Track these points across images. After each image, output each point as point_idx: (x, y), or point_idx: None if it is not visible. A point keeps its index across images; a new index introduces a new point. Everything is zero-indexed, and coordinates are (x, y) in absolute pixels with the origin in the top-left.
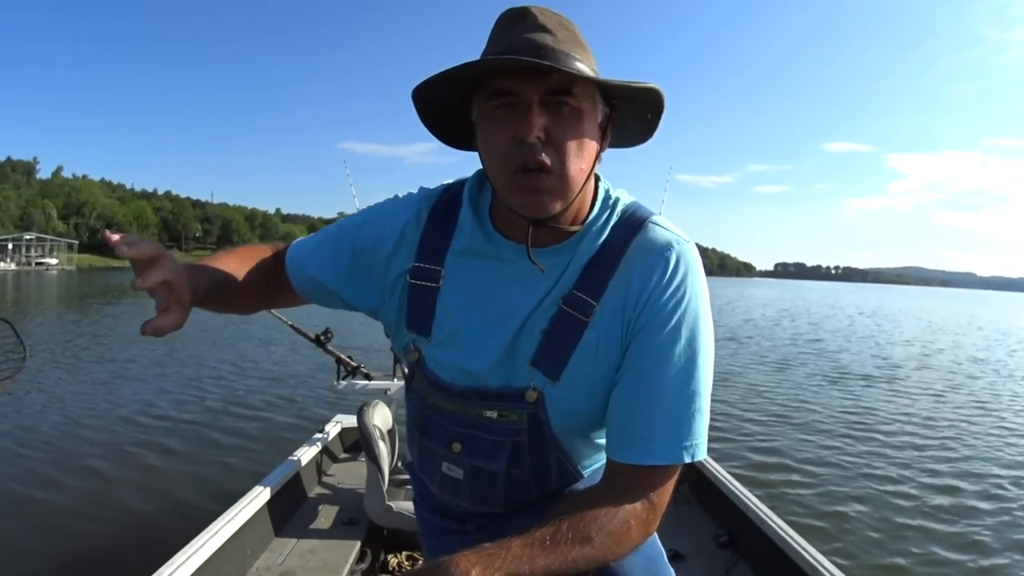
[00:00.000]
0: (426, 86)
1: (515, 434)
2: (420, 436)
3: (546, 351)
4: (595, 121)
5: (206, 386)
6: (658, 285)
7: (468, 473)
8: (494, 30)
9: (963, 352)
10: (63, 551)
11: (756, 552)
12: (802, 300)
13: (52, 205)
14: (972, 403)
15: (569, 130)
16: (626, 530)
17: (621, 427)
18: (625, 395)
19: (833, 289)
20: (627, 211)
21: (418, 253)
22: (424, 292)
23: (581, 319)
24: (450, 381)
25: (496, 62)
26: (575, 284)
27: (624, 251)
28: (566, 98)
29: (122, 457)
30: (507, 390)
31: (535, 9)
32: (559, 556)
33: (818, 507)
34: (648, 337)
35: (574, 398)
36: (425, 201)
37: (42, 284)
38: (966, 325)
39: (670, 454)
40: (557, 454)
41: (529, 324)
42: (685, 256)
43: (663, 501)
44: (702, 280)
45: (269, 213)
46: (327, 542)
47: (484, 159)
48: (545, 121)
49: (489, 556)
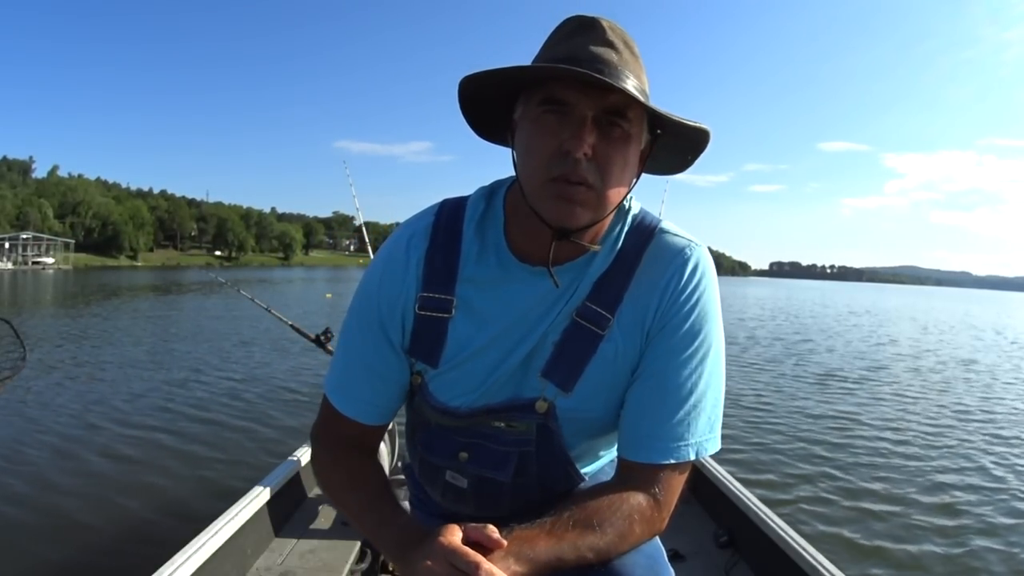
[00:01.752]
0: (477, 79)
1: (523, 444)
2: (422, 451)
3: (558, 363)
4: (639, 147)
5: (206, 386)
6: (675, 290)
7: (473, 482)
8: (557, 33)
9: (960, 352)
10: (62, 551)
11: (756, 552)
12: (797, 299)
13: (48, 204)
14: (973, 402)
15: (616, 153)
16: (630, 525)
17: (633, 426)
18: (638, 395)
19: (828, 288)
20: (636, 220)
21: (425, 283)
22: (434, 322)
23: (596, 331)
24: (456, 406)
25: (564, 71)
26: (588, 296)
27: (637, 262)
28: (619, 120)
29: (122, 457)
30: (516, 402)
31: (605, 22)
32: (560, 540)
33: (819, 507)
34: (664, 339)
35: (590, 407)
36: (416, 236)
37: (39, 283)
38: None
39: (677, 452)
40: (564, 462)
41: (542, 338)
42: (699, 260)
43: (671, 500)
44: (715, 282)
45: (264, 212)
46: (327, 542)
47: (521, 160)
48: (594, 139)
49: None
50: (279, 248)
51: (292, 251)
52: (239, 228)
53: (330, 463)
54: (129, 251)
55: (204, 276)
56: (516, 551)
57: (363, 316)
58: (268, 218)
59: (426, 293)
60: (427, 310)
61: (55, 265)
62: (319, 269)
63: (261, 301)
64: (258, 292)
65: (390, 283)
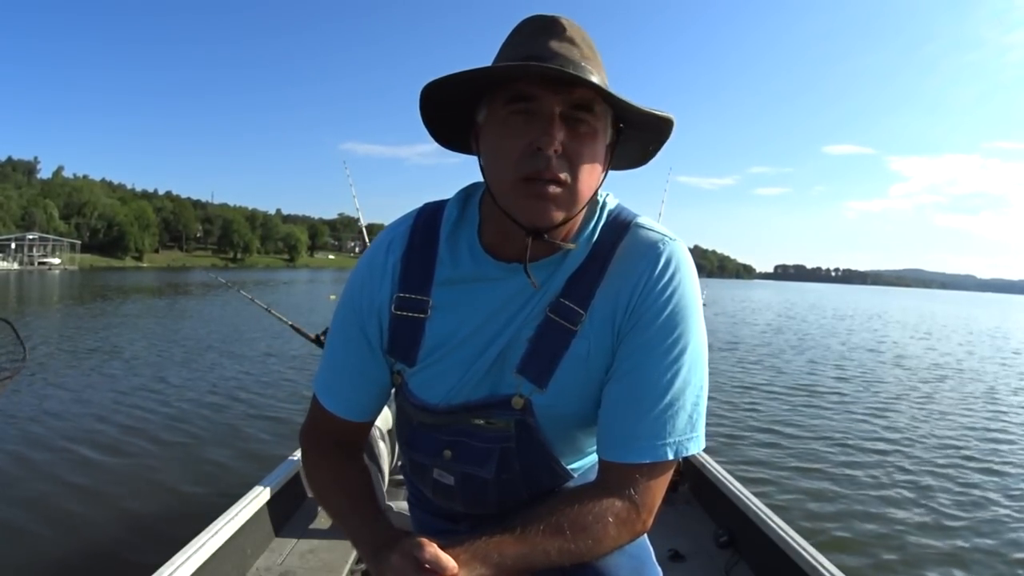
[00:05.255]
0: (440, 84)
1: (503, 440)
2: (408, 449)
3: (532, 359)
4: (605, 142)
5: (206, 386)
6: (647, 285)
7: (459, 479)
8: (516, 34)
9: (963, 354)
10: (63, 551)
11: (756, 552)
12: (800, 301)
13: (53, 205)
14: (975, 404)
15: (585, 148)
16: (604, 527)
17: (609, 425)
18: (613, 393)
19: (832, 291)
20: (612, 215)
21: (402, 283)
22: (410, 322)
23: (568, 327)
24: (435, 403)
25: (535, 68)
26: (561, 292)
27: (610, 257)
28: (586, 115)
29: (122, 457)
30: (493, 399)
31: (564, 20)
32: (528, 545)
33: (819, 507)
34: (636, 335)
35: (564, 404)
36: (396, 240)
37: (45, 283)
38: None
39: (654, 451)
40: (546, 458)
41: (516, 333)
42: (673, 254)
43: (650, 500)
44: (692, 278)
45: (270, 214)
46: (327, 542)
47: (488, 162)
48: (564, 135)
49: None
50: (284, 250)
51: (297, 253)
52: (244, 229)
53: (316, 461)
54: (134, 252)
55: (207, 277)
56: (483, 554)
57: (346, 317)
58: (273, 220)
59: (402, 294)
60: (403, 310)
61: (61, 266)
62: (324, 271)
63: (261, 302)
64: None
65: (369, 285)
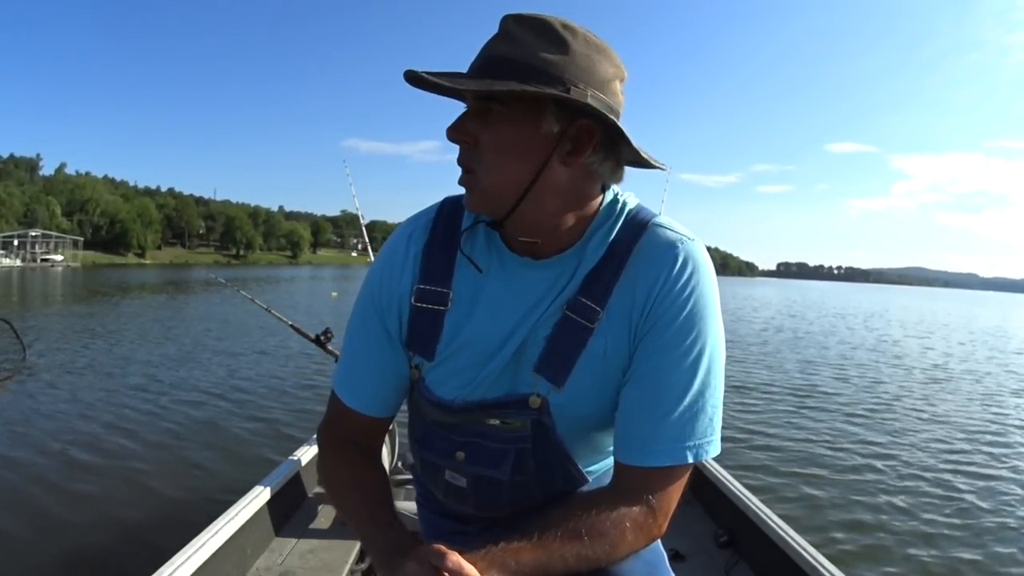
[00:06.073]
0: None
1: (519, 441)
2: (421, 448)
3: (550, 357)
4: (537, 130)
5: (206, 386)
6: (664, 285)
7: (472, 481)
8: None
9: (965, 354)
10: (63, 551)
11: (756, 552)
12: (802, 299)
13: (56, 202)
14: (977, 406)
15: (489, 136)
16: (621, 532)
17: (626, 428)
18: (631, 396)
19: (835, 289)
20: (631, 214)
21: (423, 275)
22: (430, 314)
23: (586, 325)
24: (450, 400)
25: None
26: (579, 290)
27: (628, 255)
28: (495, 104)
29: (122, 457)
30: (510, 398)
31: (513, 17)
32: (546, 552)
33: (819, 507)
34: (654, 336)
35: (581, 404)
36: (417, 232)
37: (48, 280)
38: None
39: (672, 455)
40: (562, 459)
41: (534, 331)
42: (692, 254)
43: (667, 504)
44: (710, 278)
45: (272, 210)
46: (327, 542)
47: None
48: (476, 125)
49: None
50: (287, 247)
51: (300, 250)
52: (247, 226)
53: (334, 460)
54: (137, 249)
55: (208, 276)
56: (500, 561)
57: (365, 310)
58: (276, 216)
59: (423, 285)
60: (423, 302)
61: (64, 263)
62: (326, 268)
63: (261, 301)
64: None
65: (390, 277)
